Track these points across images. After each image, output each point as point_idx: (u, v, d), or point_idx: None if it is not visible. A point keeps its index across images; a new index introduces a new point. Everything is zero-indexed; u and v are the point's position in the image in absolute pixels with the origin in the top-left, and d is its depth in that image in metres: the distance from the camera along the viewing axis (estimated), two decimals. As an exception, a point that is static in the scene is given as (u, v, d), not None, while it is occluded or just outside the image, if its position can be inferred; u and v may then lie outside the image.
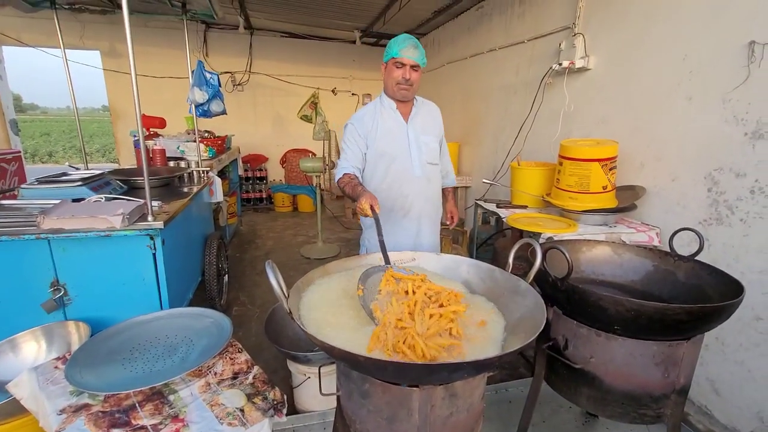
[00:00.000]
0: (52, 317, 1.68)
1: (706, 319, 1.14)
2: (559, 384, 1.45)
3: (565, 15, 2.80)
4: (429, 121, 1.95)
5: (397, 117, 1.87)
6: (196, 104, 2.75)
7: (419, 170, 1.87)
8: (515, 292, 1.25)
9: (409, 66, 1.75)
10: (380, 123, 1.85)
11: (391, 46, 1.76)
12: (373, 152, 1.85)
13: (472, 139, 4.34)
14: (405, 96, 1.83)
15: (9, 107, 5.45)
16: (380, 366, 0.88)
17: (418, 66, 1.77)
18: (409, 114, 1.89)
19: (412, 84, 1.79)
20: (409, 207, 1.91)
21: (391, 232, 1.91)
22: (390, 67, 1.79)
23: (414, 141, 1.87)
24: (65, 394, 1.21)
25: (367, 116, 1.87)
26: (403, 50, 1.72)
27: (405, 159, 1.86)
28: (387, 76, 1.82)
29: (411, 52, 1.73)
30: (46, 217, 1.54)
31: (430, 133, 1.92)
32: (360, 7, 4.48)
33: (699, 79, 1.90)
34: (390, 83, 1.81)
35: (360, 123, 1.85)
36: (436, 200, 2.01)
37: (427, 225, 1.99)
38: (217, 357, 1.40)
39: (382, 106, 1.88)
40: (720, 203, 1.81)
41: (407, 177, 1.87)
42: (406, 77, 1.76)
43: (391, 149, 1.84)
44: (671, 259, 1.50)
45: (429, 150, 1.90)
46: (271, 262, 1.07)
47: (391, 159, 1.84)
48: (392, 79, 1.79)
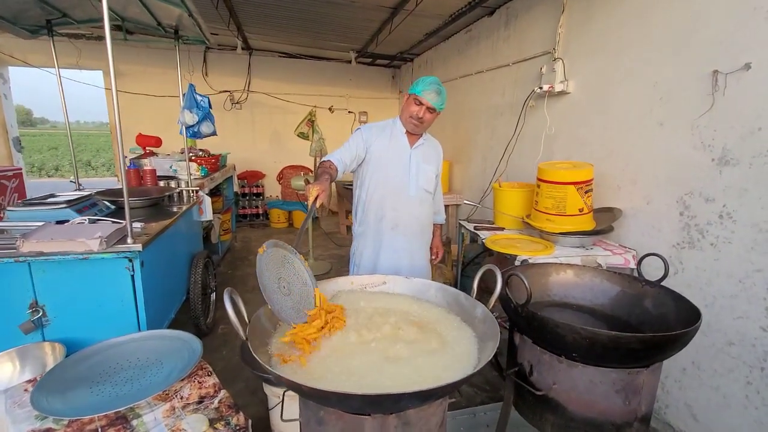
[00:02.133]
0: (30, 338, 1.71)
1: (660, 348, 1.15)
2: (526, 410, 1.45)
3: (545, 40, 2.87)
4: (432, 155, 2.05)
5: (404, 140, 1.98)
6: (186, 126, 2.82)
7: (414, 191, 1.96)
8: (475, 317, 1.27)
9: (425, 107, 1.85)
10: (388, 138, 1.96)
11: (418, 83, 1.86)
12: (375, 159, 1.94)
13: (462, 158, 4.40)
14: (414, 130, 1.94)
15: (13, 125, 5.60)
16: (323, 395, 0.89)
17: (434, 109, 1.87)
18: (414, 143, 2.00)
19: (423, 122, 1.89)
20: (397, 221, 1.98)
21: (375, 242, 2.02)
22: (410, 100, 1.89)
23: (414, 165, 1.97)
24: (30, 418, 1.22)
25: (377, 128, 1.98)
26: (426, 91, 1.82)
27: (403, 176, 1.95)
28: (405, 107, 1.92)
29: (432, 96, 1.83)
30: (25, 240, 1.58)
31: (430, 164, 2.02)
32: (353, 29, 4.61)
33: (669, 105, 1.94)
34: (405, 115, 1.92)
35: (368, 131, 1.97)
36: (424, 222, 2.07)
37: (412, 244, 2.04)
38: (186, 380, 1.42)
39: (394, 126, 2.00)
40: (692, 227, 1.83)
41: (401, 194, 1.96)
42: (419, 115, 1.86)
43: (392, 163, 1.95)
44: (639, 284, 1.52)
45: (426, 177, 1.99)
46: (230, 290, 1.09)
47: (390, 172, 1.94)
48: (408, 112, 1.89)
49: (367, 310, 1.37)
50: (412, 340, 1.18)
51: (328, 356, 1.10)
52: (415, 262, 2.07)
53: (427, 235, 2.14)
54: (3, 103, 5.34)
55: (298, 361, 1.07)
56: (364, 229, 2.04)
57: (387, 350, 1.12)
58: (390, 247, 2.01)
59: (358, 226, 2.08)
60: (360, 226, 2.07)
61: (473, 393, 2.32)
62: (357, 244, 2.09)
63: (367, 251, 2.04)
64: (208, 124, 2.89)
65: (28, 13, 2.46)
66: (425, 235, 2.11)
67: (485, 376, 2.44)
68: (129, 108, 5.83)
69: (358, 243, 2.08)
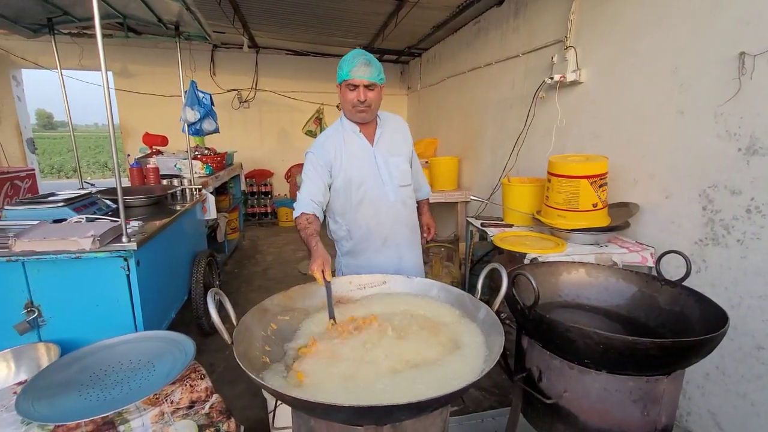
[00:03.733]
0: (26, 339, 1.69)
1: (683, 355, 1.05)
2: (535, 418, 1.36)
3: (557, 28, 2.75)
4: (396, 139, 1.81)
5: (362, 141, 1.74)
6: (188, 123, 2.79)
7: (393, 195, 1.75)
8: (478, 319, 1.19)
9: (362, 87, 1.58)
10: (344, 149, 1.71)
11: (341, 67, 1.60)
12: (341, 181, 1.71)
13: (471, 153, 4.28)
14: (364, 119, 1.69)
15: (27, 127, 5.70)
16: (309, 406, 0.82)
17: (374, 84, 1.60)
18: (374, 136, 1.76)
19: (370, 104, 1.63)
20: (386, 235, 1.79)
21: (372, 259, 1.84)
22: (344, 90, 1.63)
23: (383, 165, 1.74)
24: (16, 423, 1.19)
25: (329, 143, 1.72)
26: (353, 70, 1.56)
27: (377, 185, 1.73)
28: (342, 99, 1.66)
29: (362, 70, 1.56)
30: (18, 239, 1.55)
31: (398, 154, 1.80)
32: (359, 23, 4.53)
33: (690, 92, 1.81)
34: (347, 107, 1.67)
35: (321, 151, 1.70)
36: (413, 224, 1.90)
37: (408, 250, 1.89)
38: (177, 383, 1.37)
39: (343, 129, 1.74)
40: (716, 222, 1.70)
41: (382, 204, 1.75)
42: (360, 99, 1.60)
43: (361, 175, 1.71)
44: (658, 284, 1.41)
45: (400, 173, 1.78)
46: (215, 290, 1.03)
47: (362, 186, 1.72)
48: (347, 102, 1.64)
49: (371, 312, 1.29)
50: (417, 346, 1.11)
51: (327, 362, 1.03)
52: (411, 263, 1.91)
53: (418, 233, 1.95)
54: (16, 105, 5.43)
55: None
56: (352, 247, 1.83)
57: (387, 357, 1.05)
58: (387, 259, 1.83)
59: (344, 244, 1.86)
60: (346, 244, 1.85)
61: (481, 397, 2.22)
62: (346, 261, 1.88)
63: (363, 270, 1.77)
64: (210, 121, 2.86)
65: (29, 12, 2.45)
66: (416, 232, 1.94)
67: (494, 379, 2.34)
68: (137, 108, 5.87)
69: (348, 260, 1.87)
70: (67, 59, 4.87)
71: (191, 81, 2.93)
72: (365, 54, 1.60)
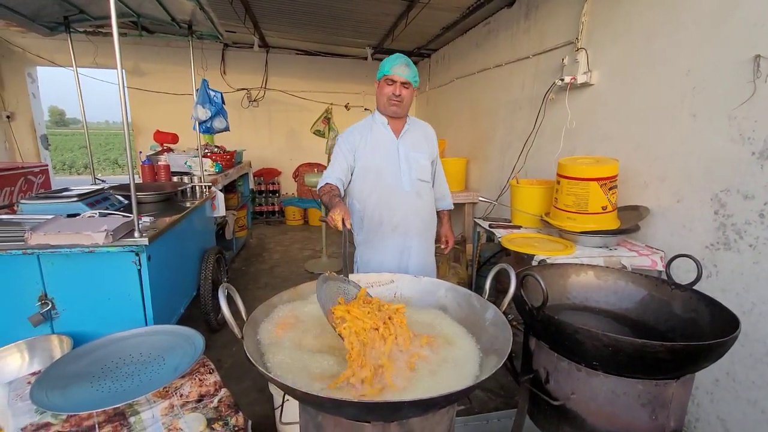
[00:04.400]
0: (39, 330, 1.72)
1: (693, 359, 1.04)
2: (542, 420, 1.35)
3: (568, 30, 2.74)
4: (421, 139, 1.95)
5: (388, 132, 1.90)
6: (199, 121, 2.82)
7: (408, 186, 1.88)
8: (486, 319, 1.19)
9: (399, 83, 1.79)
10: (370, 137, 1.89)
11: (384, 65, 1.81)
12: (361, 165, 1.87)
13: (479, 154, 4.27)
14: (396, 112, 1.86)
15: (41, 124, 5.80)
16: (318, 401, 0.83)
17: (409, 83, 1.81)
18: (400, 131, 1.92)
19: (403, 100, 1.82)
20: (397, 222, 1.90)
21: (379, 247, 1.93)
22: (382, 84, 1.84)
23: (404, 156, 1.88)
24: (30, 412, 1.21)
25: (357, 130, 1.92)
26: (394, 68, 1.77)
27: (394, 173, 1.87)
28: (379, 93, 1.86)
29: (402, 69, 1.77)
30: (33, 232, 1.58)
31: (421, 151, 1.92)
32: (369, 24, 4.54)
33: (703, 95, 1.79)
34: (381, 99, 1.85)
35: (349, 136, 1.90)
36: (426, 217, 1.97)
37: (417, 242, 1.95)
38: (186, 377, 1.39)
39: (374, 121, 1.93)
40: (728, 227, 1.69)
41: (396, 191, 1.87)
42: (396, 93, 1.80)
43: (380, 163, 1.87)
44: (668, 288, 1.40)
45: (419, 166, 1.90)
46: (226, 286, 1.05)
47: (379, 173, 1.86)
48: (383, 95, 1.83)
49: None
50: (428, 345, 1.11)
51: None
52: (422, 260, 1.98)
53: (432, 229, 2.04)
54: (31, 102, 5.53)
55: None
56: (365, 236, 1.95)
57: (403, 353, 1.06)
58: (396, 249, 1.92)
59: (357, 234, 1.99)
60: (361, 233, 1.97)
61: (487, 398, 2.22)
62: (361, 253, 1.99)
63: (373, 259, 1.93)
64: (220, 120, 2.89)
65: (46, 10, 2.50)
66: (430, 228, 2.02)
67: (500, 381, 2.33)
68: (149, 106, 5.95)
69: (362, 251, 1.98)
70: (81, 57, 4.94)
71: (203, 80, 2.96)
72: (406, 57, 1.82)
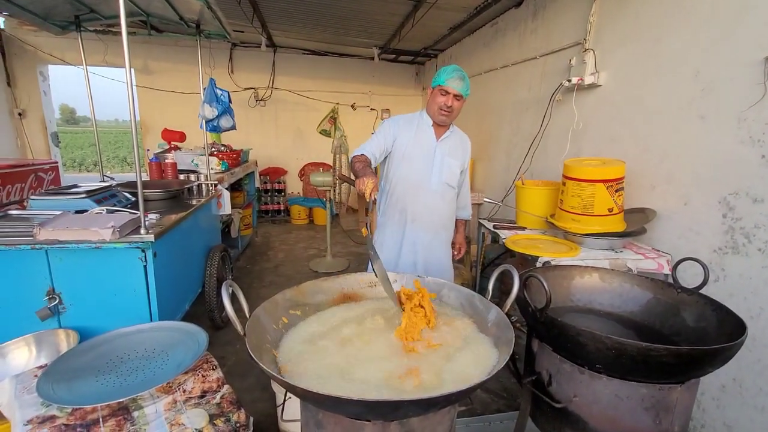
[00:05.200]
0: (47, 325, 1.74)
1: (698, 363, 1.03)
2: (544, 422, 1.34)
3: (576, 30, 2.72)
4: (458, 148, 2.03)
5: (431, 133, 1.98)
6: (206, 120, 2.84)
7: (435, 185, 1.95)
8: (488, 320, 1.19)
9: (452, 95, 1.85)
10: (414, 131, 1.97)
11: (440, 75, 1.87)
12: (399, 152, 1.95)
13: (484, 155, 4.26)
14: (444, 121, 1.93)
15: (52, 121, 5.87)
16: (318, 399, 0.83)
17: (461, 96, 1.87)
18: (441, 135, 1.98)
19: (452, 111, 1.89)
20: (415, 215, 1.98)
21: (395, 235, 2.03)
22: (435, 93, 1.90)
23: (439, 158, 1.96)
24: (36, 404, 1.23)
25: (404, 121, 2.00)
26: (449, 80, 1.83)
27: (426, 170, 1.95)
28: (431, 100, 1.93)
29: (457, 83, 1.83)
30: (42, 228, 1.61)
31: (455, 158, 2.00)
32: (376, 24, 4.55)
33: (712, 96, 1.77)
34: (433, 107, 1.92)
35: (395, 123, 1.99)
36: (445, 219, 2.05)
37: (430, 239, 2.02)
38: (190, 373, 1.40)
39: (421, 118, 2.00)
40: (736, 230, 1.66)
41: (423, 187, 1.96)
42: (447, 104, 1.86)
43: (416, 158, 1.94)
44: (674, 291, 1.38)
45: (450, 172, 1.98)
46: (228, 282, 1.05)
47: (413, 166, 1.94)
48: (435, 104, 1.89)
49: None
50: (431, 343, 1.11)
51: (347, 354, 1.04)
52: (434, 258, 2.05)
53: (449, 231, 2.12)
54: (42, 99, 5.61)
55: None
56: (386, 219, 2.06)
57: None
58: (410, 240, 2.01)
59: (380, 216, 2.10)
60: (383, 216, 2.08)
61: (489, 400, 2.21)
62: (378, 234, 2.10)
63: (388, 242, 2.04)
64: (227, 118, 2.91)
65: (58, 9, 2.54)
66: (447, 230, 2.09)
67: (502, 383, 2.32)
68: (157, 104, 6.00)
69: (380, 233, 2.09)
70: (91, 56, 5.00)
71: (210, 78, 2.98)
72: (462, 71, 1.88)
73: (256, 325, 1.11)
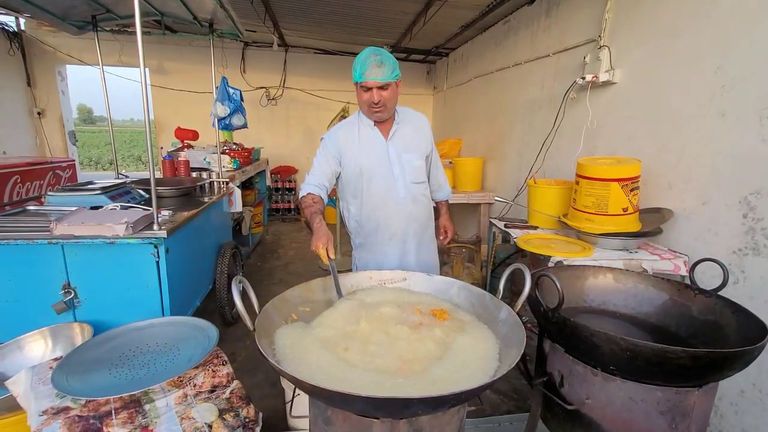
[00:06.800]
0: (62, 318, 1.78)
1: (716, 366, 1.00)
2: (555, 425, 1.32)
3: (591, 27, 2.67)
4: (413, 137, 1.78)
5: (376, 134, 1.73)
6: (218, 118, 2.87)
7: (403, 191, 1.75)
8: (498, 319, 1.17)
9: (375, 88, 1.57)
10: (357, 139, 1.72)
11: (354, 68, 1.59)
12: (351, 170, 1.73)
13: (496, 154, 4.22)
14: (380, 118, 1.69)
15: (69, 120, 6.01)
16: (327, 395, 0.83)
17: (388, 84, 1.57)
18: (389, 131, 1.74)
19: (385, 104, 1.61)
20: (394, 230, 1.80)
21: (377, 252, 1.86)
22: (359, 90, 1.62)
23: (396, 160, 1.73)
24: (51, 395, 1.25)
25: (342, 133, 1.74)
26: (366, 72, 1.54)
27: (387, 178, 1.73)
28: (358, 99, 1.66)
29: (374, 72, 1.54)
30: (58, 223, 1.64)
31: (413, 151, 1.77)
32: (387, 23, 4.54)
33: (733, 93, 1.72)
34: (363, 107, 1.67)
35: (333, 140, 1.73)
36: (423, 220, 1.87)
37: (416, 245, 1.87)
38: (200, 368, 1.41)
39: (360, 121, 1.75)
40: (757, 231, 1.61)
41: (391, 198, 1.75)
42: (374, 101, 1.59)
43: (371, 167, 1.72)
44: (691, 293, 1.34)
45: (413, 169, 1.76)
46: (239, 278, 1.06)
47: (371, 178, 1.73)
48: (363, 103, 1.64)
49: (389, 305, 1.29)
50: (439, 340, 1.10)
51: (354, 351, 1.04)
52: (422, 261, 1.89)
53: (430, 228, 1.94)
54: (60, 99, 5.74)
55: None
56: (363, 240, 1.87)
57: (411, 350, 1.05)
58: (394, 254, 1.84)
59: (355, 237, 1.91)
60: (357, 237, 1.89)
61: (499, 401, 2.19)
62: (359, 256, 1.91)
63: (372, 263, 1.85)
64: (239, 117, 2.93)
65: (75, 10, 2.59)
66: (428, 229, 1.91)
67: (513, 385, 2.30)
68: (171, 103, 6.09)
69: (360, 255, 1.91)
70: (107, 56, 5.09)
71: (222, 77, 3.01)
72: (377, 53, 1.57)
73: (265, 321, 1.12)
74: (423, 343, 1.08)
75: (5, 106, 5.11)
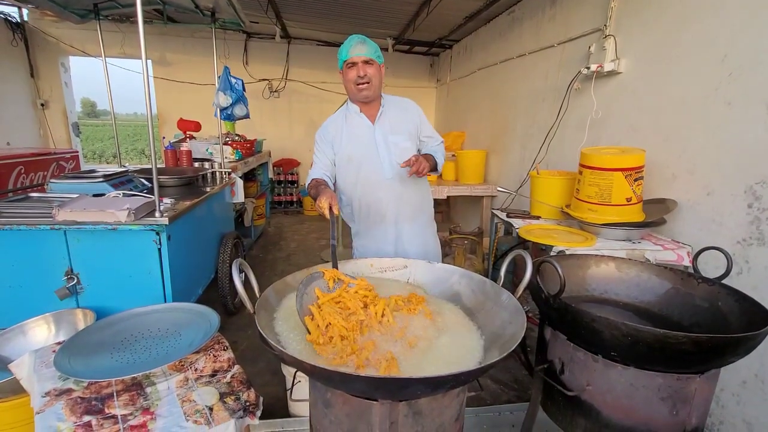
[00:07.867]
0: (65, 304, 1.79)
1: (718, 352, 0.99)
2: (555, 412, 1.32)
3: (596, 16, 2.64)
4: (399, 119, 1.82)
5: (363, 120, 1.79)
6: (220, 108, 2.86)
7: (389, 172, 1.79)
8: (498, 304, 1.17)
9: (360, 62, 1.66)
10: (345, 128, 1.80)
11: (340, 52, 1.71)
12: (340, 158, 1.81)
13: (499, 146, 4.19)
14: (366, 96, 1.73)
15: (72, 112, 6.02)
16: (326, 375, 0.83)
17: (372, 60, 1.68)
18: (376, 115, 1.80)
19: (370, 80, 1.68)
20: (384, 211, 1.83)
21: (373, 237, 1.90)
22: (345, 72, 1.71)
23: (382, 142, 1.78)
24: (54, 378, 1.26)
25: (331, 124, 1.84)
26: (351, 50, 1.66)
27: (374, 161, 1.78)
28: (345, 82, 1.74)
29: (359, 48, 1.65)
30: (60, 209, 1.64)
31: (400, 132, 1.81)
32: (390, 14, 4.50)
33: (740, 81, 1.70)
34: (350, 87, 1.74)
35: (325, 131, 1.84)
36: (415, 202, 1.89)
37: (409, 228, 1.89)
38: (201, 353, 1.42)
39: (347, 110, 1.83)
40: (762, 221, 1.60)
41: (378, 180, 1.80)
42: (360, 74, 1.67)
43: (358, 153, 1.78)
44: (694, 281, 1.33)
45: (400, 150, 1.79)
46: (239, 261, 1.06)
47: (359, 163, 1.79)
48: (349, 82, 1.71)
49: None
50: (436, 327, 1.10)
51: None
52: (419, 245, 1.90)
53: (425, 212, 1.96)
54: (64, 90, 5.74)
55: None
56: (358, 227, 1.92)
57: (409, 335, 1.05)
58: (388, 238, 1.86)
59: (351, 225, 1.98)
60: (353, 225, 1.96)
61: (499, 390, 2.19)
62: (357, 243, 1.97)
63: (370, 248, 1.89)
64: (241, 107, 2.93)
65: (77, -3, 2.59)
66: (422, 212, 1.94)
67: (513, 374, 2.30)
68: (173, 95, 6.09)
69: (358, 242, 1.96)
70: (110, 47, 5.08)
71: (224, 66, 3.00)
72: (360, 36, 1.71)
73: (266, 304, 1.12)
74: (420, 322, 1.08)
75: (9, 97, 5.12)
